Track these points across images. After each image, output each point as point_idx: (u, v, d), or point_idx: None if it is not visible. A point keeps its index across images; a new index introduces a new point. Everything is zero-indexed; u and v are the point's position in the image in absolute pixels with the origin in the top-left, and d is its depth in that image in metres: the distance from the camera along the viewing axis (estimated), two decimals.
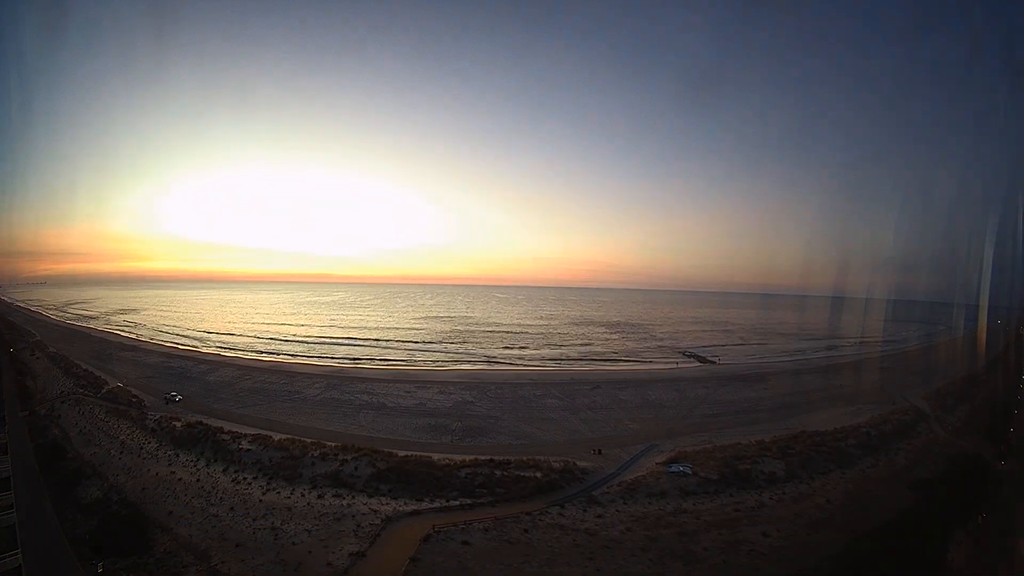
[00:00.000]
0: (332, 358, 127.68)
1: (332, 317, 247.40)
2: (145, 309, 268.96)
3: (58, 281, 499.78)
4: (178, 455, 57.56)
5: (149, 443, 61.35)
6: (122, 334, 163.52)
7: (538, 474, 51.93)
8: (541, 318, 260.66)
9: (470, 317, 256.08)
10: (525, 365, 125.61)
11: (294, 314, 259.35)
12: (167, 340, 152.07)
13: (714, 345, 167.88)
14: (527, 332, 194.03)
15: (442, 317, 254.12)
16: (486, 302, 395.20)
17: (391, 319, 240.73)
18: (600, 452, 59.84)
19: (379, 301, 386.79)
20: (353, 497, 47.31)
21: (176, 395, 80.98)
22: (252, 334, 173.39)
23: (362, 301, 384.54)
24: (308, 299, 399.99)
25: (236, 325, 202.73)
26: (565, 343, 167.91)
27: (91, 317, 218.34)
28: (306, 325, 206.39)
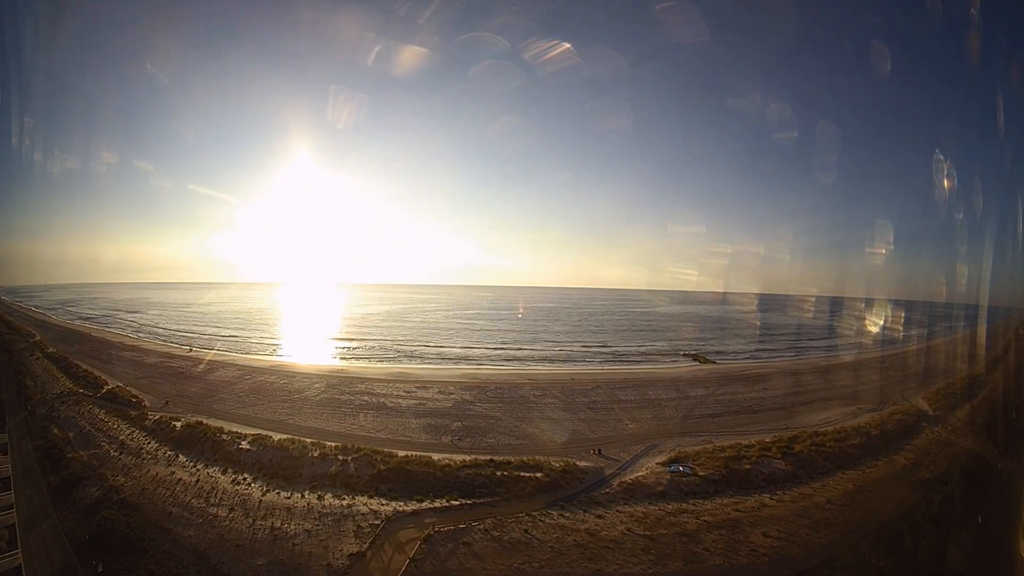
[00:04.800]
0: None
1: None
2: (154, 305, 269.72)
3: (60, 285, 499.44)
4: (178, 456, 57.50)
5: (148, 443, 61.30)
6: (120, 333, 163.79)
7: (538, 474, 51.90)
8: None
9: None
10: (525, 366, 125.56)
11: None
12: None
13: (714, 345, 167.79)
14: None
15: None
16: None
17: None
18: (600, 452, 59.82)
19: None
20: (353, 498, 47.29)
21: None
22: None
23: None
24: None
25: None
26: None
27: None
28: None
